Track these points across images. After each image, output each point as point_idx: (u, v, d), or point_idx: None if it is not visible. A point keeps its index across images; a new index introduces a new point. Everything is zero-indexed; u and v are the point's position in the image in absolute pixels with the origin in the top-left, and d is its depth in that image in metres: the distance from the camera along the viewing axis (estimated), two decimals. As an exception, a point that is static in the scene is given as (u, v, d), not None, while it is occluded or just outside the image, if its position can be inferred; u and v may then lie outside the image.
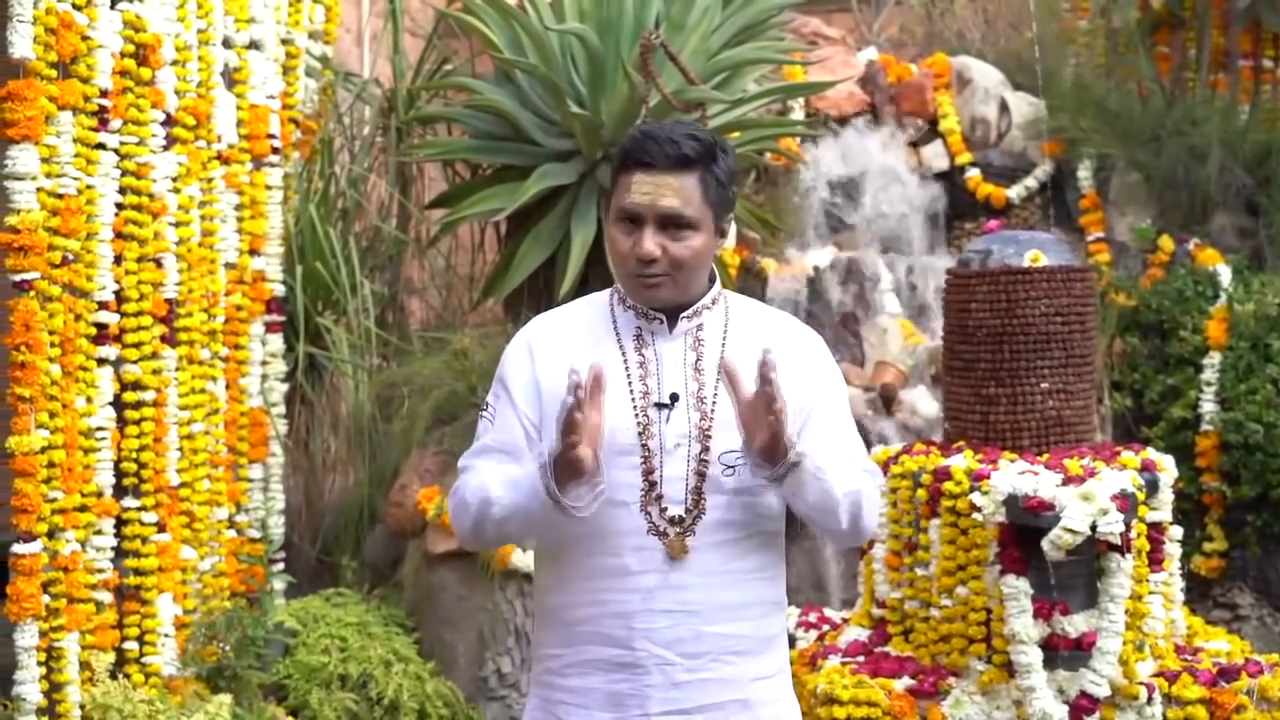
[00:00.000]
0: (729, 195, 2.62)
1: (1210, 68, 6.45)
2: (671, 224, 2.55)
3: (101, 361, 4.32)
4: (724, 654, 2.58)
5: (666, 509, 2.57)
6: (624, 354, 2.63)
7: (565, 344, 2.66)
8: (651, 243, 2.55)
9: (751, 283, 5.92)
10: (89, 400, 4.25)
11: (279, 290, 5.28)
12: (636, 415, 2.58)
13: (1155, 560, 4.17)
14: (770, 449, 2.46)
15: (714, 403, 2.59)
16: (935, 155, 6.44)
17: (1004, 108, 6.52)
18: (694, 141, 2.56)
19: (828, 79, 6.08)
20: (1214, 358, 5.51)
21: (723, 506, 2.57)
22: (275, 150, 5.29)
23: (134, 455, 4.45)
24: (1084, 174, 6.28)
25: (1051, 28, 6.76)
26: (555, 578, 2.65)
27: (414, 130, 6.14)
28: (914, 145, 6.48)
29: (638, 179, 2.55)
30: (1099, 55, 6.76)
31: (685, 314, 2.63)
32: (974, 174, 6.35)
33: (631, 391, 2.60)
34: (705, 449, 2.57)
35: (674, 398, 2.59)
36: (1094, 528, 3.78)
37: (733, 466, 2.57)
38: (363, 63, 6.76)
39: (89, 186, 4.23)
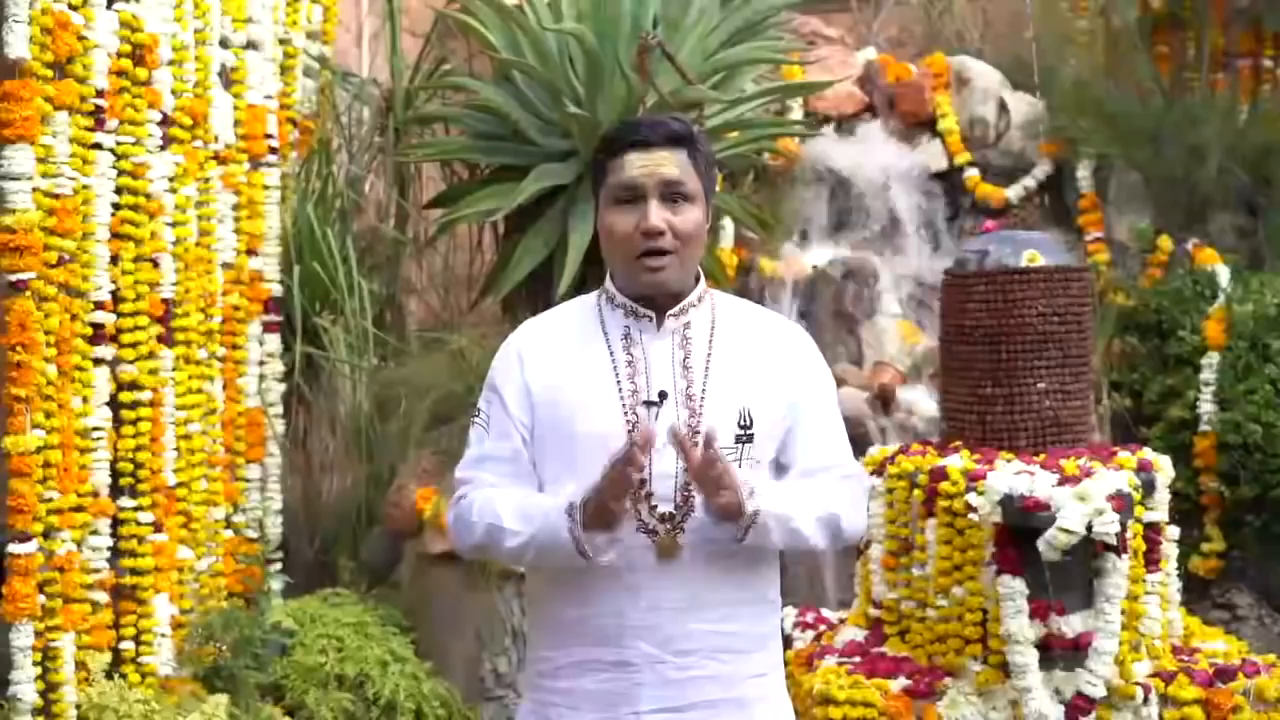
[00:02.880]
0: (713, 178, 2.67)
1: (1210, 67, 6.44)
2: (672, 196, 2.57)
3: (98, 361, 4.31)
4: (716, 652, 2.58)
5: (656, 506, 2.57)
6: (612, 353, 2.63)
7: (554, 347, 2.66)
8: (657, 215, 2.56)
9: (750, 283, 5.91)
10: (85, 400, 4.24)
11: (276, 290, 5.28)
12: (625, 414, 2.58)
13: (1152, 560, 4.16)
14: (727, 510, 2.49)
15: (702, 400, 2.59)
16: (934, 155, 6.44)
17: (1003, 108, 6.51)
18: (678, 122, 2.62)
19: (826, 79, 6.08)
20: (1213, 358, 5.50)
21: (713, 504, 2.57)
22: (273, 150, 5.29)
23: (130, 455, 4.45)
24: (1083, 174, 6.28)
25: (1050, 27, 6.75)
26: (546, 580, 2.64)
27: (412, 130, 6.13)
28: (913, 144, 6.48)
29: (632, 158, 2.57)
30: (1098, 55, 6.75)
31: (672, 312, 2.64)
32: (973, 174, 6.35)
33: (620, 390, 2.60)
34: (694, 446, 2.57)
35: (662, 395, 2.59)
36: (1090, 528, 3.78)
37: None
38: (361, 63, 6.76)
39: (85, 186, 4.23)
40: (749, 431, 2.59)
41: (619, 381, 2.60)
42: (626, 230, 2.58)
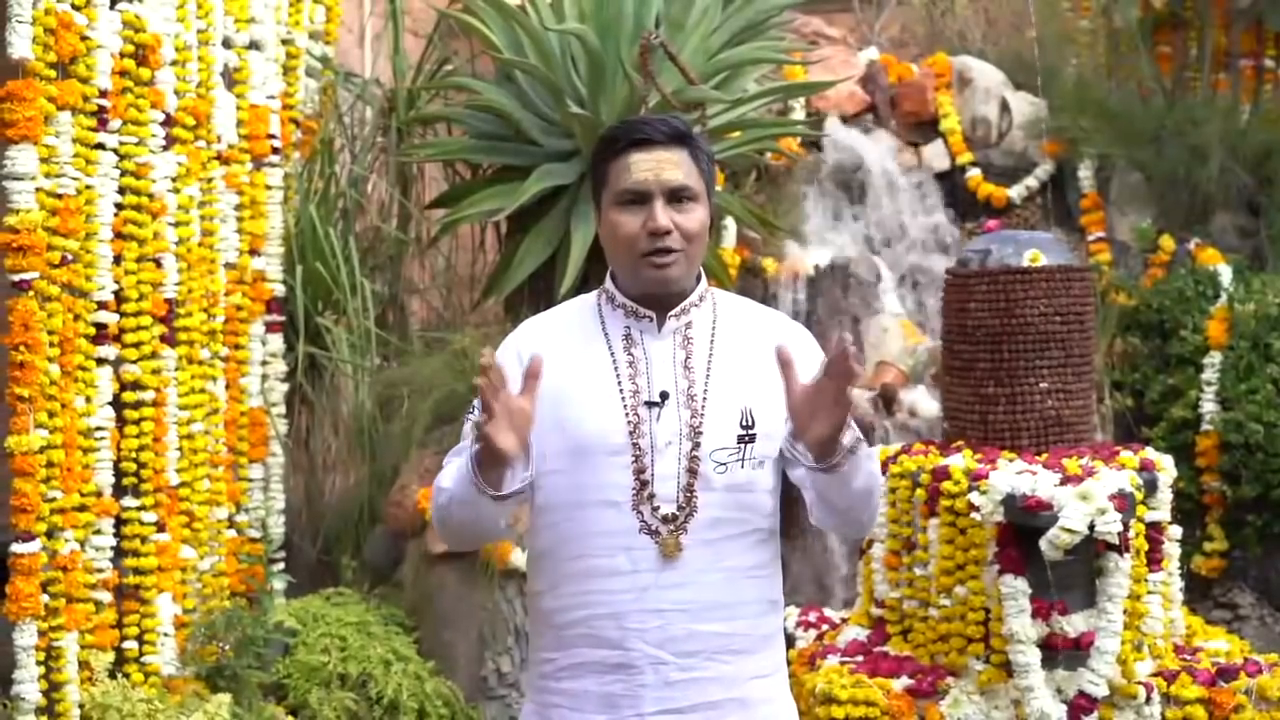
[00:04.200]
0: (713, 176, 2.67)
1: (1212, 67, 6.45)
2: (677, 197, 2.58)
3: (101, 361, 4.32)
4: (718, 653, 2.58)
5: (659, 508, 2.56)
6: (613, 354, 2.63)
7: (554, 347, 2.65)
8: (664, 215, 2.56)
9: (752, 283, 5.92)
10: (88, 400, 4.25)
11: (279, 290, 5.29)
12: (627, 414, 2.57)
13: (1154, 560, 4.16)
14: (829, 440, 2.44)
15: (704, 400, 2.59)
16: (936, 155, 6.44)
17: (1005, 107, 6.52)
18: (678, 120, 2.62)
19: (828, 79, 6.08)
20: (1214, 357, 5.50)
21: (715, 504, 2.57)
22: (275, 150, 5.30)
23: (133, 455, 4.46)
24: (1085, 174, 6.28)
25: (1052, 27, 6.75)
26: (548, 581, 2.64)
27: (414, 130, 6.14)
28: (915, 145, 6.49)
29: (636, 158, 2.57)
30: (1100, 55, 6.76)
31: (673, 312, 2.63)
32: (975, 174, 6.35)
33: (621, 391, 2.59)
34: (696, 446, 2.57)
35: (664, 396, 2.58)
36: (1092, 527, 3.78)
37: (724, 464, 2.57)
38: (364, 63, 6.77)
39: (88, 187, 4.24)
40: (751, 431, 2.59)
41: (620, 382, 2.60)
42: (632, 231, 2.58)
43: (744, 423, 2.59)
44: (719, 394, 2.59)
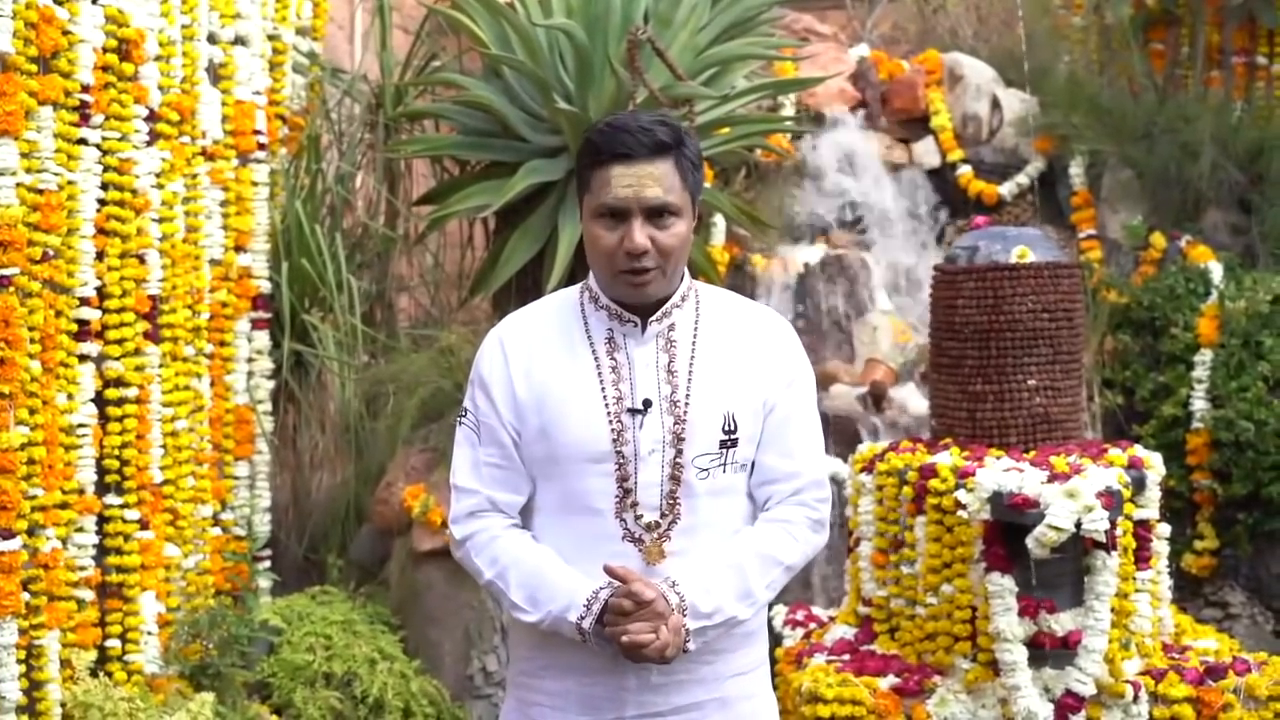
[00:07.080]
0: (700, 178, 2.62)
1: (1204, 64, 6.43)
2: (657, 214, 2.53)
3: (83, 358, 4.28)
4: (700, 654, 2.56)
5: (641, 515, 2.54)
6: (596, 358, 2.60)
7: (538, 348, 2.62)
8: (641, 235, 2.52)
9: (741, 280, 5.90)
10: (70, 397, 4.22)
11: (265, 287, 5.26)
12: (610, 421, 2.55)
13: (1142, 558, 4.15)
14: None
15: (686, 406, 2.56)
16: (927, 152, 6.43)
17: (996, 104, 6.50)
18: (664, 127, 2.55)
19: (819, 75, 6.06)
20: (1205, 355, 5.48)
21: (697, 510, 2.55)
22: (261, 146, 5.27)
23: (116, 452, 4.42)
24: (1076, 171, 6.27)
25: (1044, 24, 6.75)
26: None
27: (402, 126, 6.11)
28: (905, 142, 6.47)
29: (617, 172, 2.52)
30: (1092, 52, 6.75)
31: (655, 316, 2.60)
32: (965, 171, 6.34)
33: (605, 397, 2.56)
34: (679, 453, 2.55)
35: (647, 403, 2.56)
36: (1079, 525, 3.76)
37: (706, 469, 2.55)
38: (351, 59, 6.74)
39: (70, 182, 4.20)
40: (733, 436, 2.57)
41: (603, 388, 2.57)
42: (610, 246, 2.54)
43: (726, 427, 2.56)
44: (701, 400, 2.57)
